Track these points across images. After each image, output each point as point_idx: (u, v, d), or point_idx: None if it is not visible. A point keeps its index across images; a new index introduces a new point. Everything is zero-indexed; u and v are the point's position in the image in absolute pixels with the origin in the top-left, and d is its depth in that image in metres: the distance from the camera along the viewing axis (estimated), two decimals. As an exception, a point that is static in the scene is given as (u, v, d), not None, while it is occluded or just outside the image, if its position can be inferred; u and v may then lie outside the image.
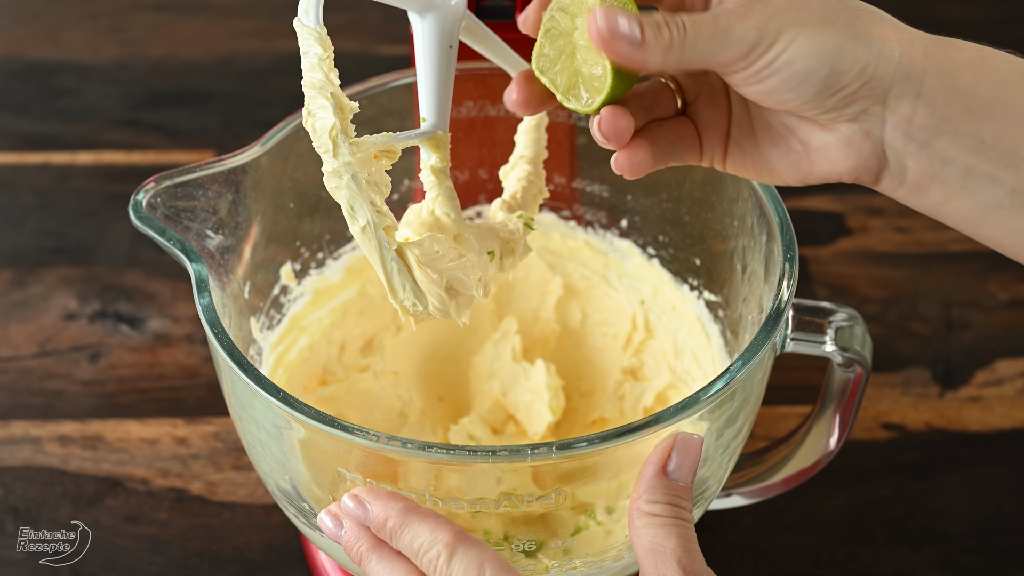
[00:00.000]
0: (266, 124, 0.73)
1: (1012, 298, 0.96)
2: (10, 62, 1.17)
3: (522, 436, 0.79)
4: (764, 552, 0.80)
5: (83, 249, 0.99)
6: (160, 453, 0.85)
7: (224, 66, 1.17)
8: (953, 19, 1.23)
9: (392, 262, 0.56)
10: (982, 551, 0.80)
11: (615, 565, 0.66)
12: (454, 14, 0.60)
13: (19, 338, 0.93)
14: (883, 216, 1.02)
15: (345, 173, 0.54)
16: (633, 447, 0.58)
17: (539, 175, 0.69)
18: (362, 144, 0.55)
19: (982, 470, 0.85)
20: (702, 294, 0.79)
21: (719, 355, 0.76)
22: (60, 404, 0.88)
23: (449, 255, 0.58)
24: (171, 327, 0.94)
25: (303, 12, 0.55)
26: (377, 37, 1.19)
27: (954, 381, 0.90)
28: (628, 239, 0.82)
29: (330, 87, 0.55)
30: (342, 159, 0.54)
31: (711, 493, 0.68)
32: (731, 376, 0.59)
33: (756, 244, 0.70)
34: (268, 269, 0.76)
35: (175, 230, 0.65)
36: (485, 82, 0.77)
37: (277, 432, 0.62)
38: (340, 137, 0.54)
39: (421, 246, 0.57)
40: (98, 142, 1.09)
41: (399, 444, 0.56)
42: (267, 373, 0.75)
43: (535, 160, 0.69)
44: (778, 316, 0.62)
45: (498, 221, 0.65)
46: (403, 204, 0.81)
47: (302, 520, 0.67)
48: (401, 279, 0.56)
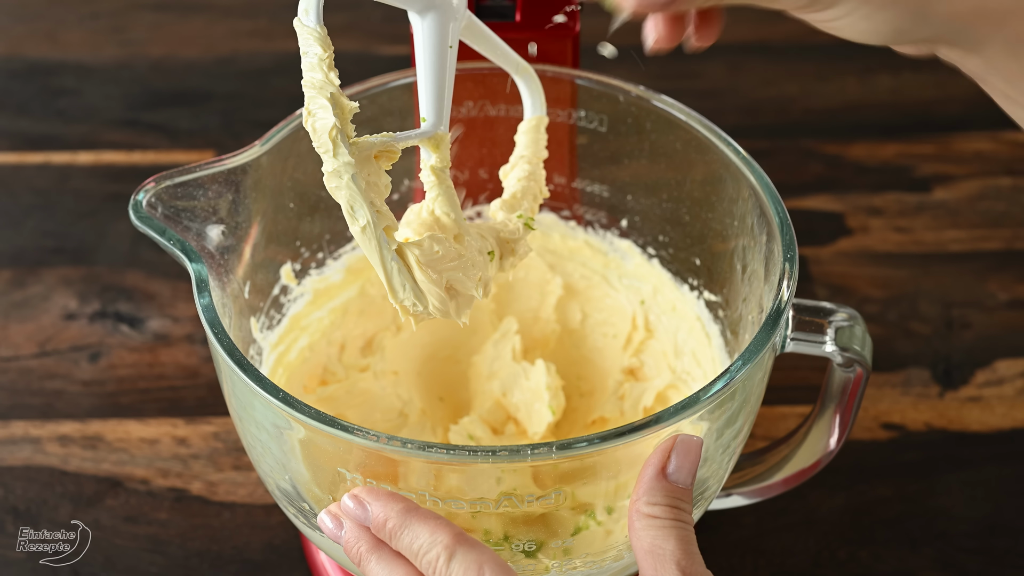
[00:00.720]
0: (266, 124, 0.73)
1: (1012, 298, 0.96)
2: (10, 62, 1.17)
3: (522, 436, 0.79)
4: (764, 552, 0.80)
5: (83, 249, 0.99)
6: (160, 453, 0.85)
7: (224, 66, 1.17)
8: (953, 19, 1.23)
9: (392, 262, 0.56)
10: (982, 551, 0.80)
11: (615, 565, 0.66)
12: (454, 14, 0.60)
13: (19, 338, 0.93)
14: (883, 216, 1.02)
15: (345, 173, 0.54)
16: (633, 447, 0.58)
17: (539, 175, 0.69)
18: (362, 144, 0.55)
19: (982, 470, 0.85)
20: (702, 294, 0.79)
21: (719, 355, 0.76)
22: (60, 404, 0.88)
23: (449, 255, 0.58)
24: (171, 327, 0.94)
25: (303, 12, 0.55)
26: (377, 37, 1.19)
27: (954, 381, 0.90)
28: (628, 239, 0.82)
29: (330, 87, 0.55)
30: (342, 159, 0.54)
31: (711, 493, 0.68)
32: (731, 376, 0.59)
33: (756, 244, 0.70)
34: (268, 269, 0.76)
35: (175, 230, 0.65)
36: (485, 82, 0.77)
37: (277, 432, 0.62)
38: (340, 137, 0.54)
39: (421, 246, 0.57)
40: (98, 142, 1.09)
41: (399, 444, 0.56)
42: (267, 373, 0.75)
43: (535, 160, 0.69)
44: (778, 316, 0.62)
45: (498, 221, 0.65)
46: (403, 204, 0.81)
47: (302, 520, 0.67)
48: (401, 279, 0.56)
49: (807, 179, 1.05)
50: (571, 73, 0.76)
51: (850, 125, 1.11)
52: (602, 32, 0.65)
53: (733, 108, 1.13)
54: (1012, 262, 0.99)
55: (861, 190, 1.04)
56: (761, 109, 1.13)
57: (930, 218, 1.02)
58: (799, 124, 1.11)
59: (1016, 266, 0.99)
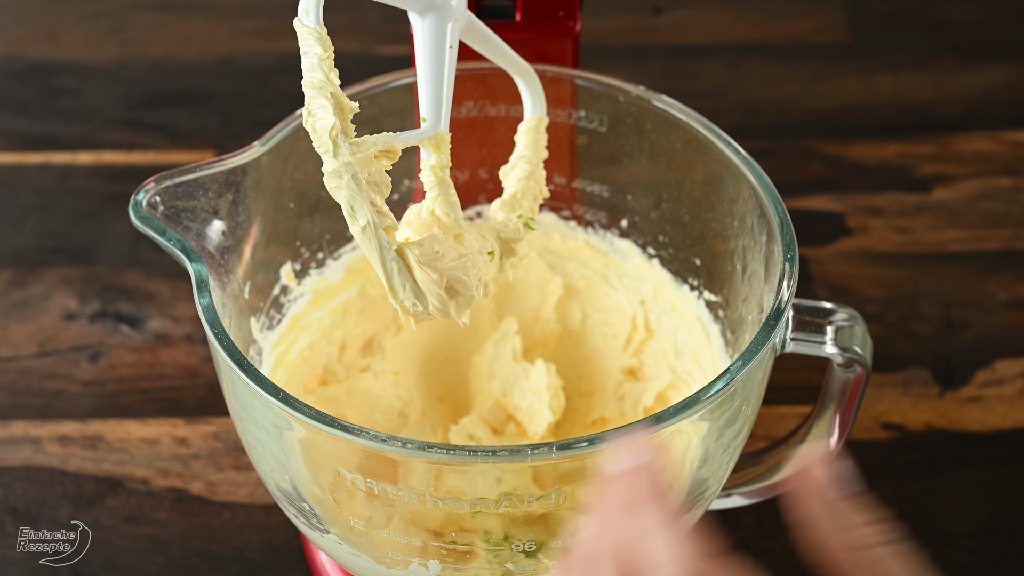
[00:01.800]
0: (266, 124, 0.73)
1: (1012, 298, 0.96)
2: (10, 62, 1.17)
3: (522, 436, 0.79)
4: (764, 552, 0.80)
5: (83, 249, 0.99)
6: (160, 453, 0.85)
7: (224, 66, 1.17)
8: (953, 19, 1.23)
9: (392, 262, 0.56)
10: (982, 551, 0.80)
11: (615, 565, 0.66)
12: (454, 14, 0.60)
13: (19, 338, 0.93)
14: (883, 216, 1.02)
15: (345, 173, 0.54)
16: (633, 447, 0.58)
17: (539, 175, 0.69)
18: (362, 144, 0.55)
19: (982, 470, 0.85)
20: (702, 294, 0.79)
21: (719, 355, 0.76)
22: (60, 404, 0.88)
23: (449, 255, 0.58)
24: (171, 327, 0.94)
25: (303, 12, 0.55)
26: (377, 37, 1.19)
27: (954, 381, 0.90)
28: (628, 239, 0.82)
29: (330, 87, 0.55)
30: (342, 159, 0.54)
31: (711, 493, 0.68)
32: (731, 376, 0.59)
33: (756, 244, 0.70)
34: (268, 269, 0.76)
35: (175, 230, 0.65)
36: (485, 82, 0.77)
37: (277, 432, 0.62)
38: (340, 137, 0.54)
39: (421, 246, 0.57)
40: (98, 142, 1.09)
41: (399, 444, 0.56)
42: (267, 373, 0.75)
43: (535, 160, 0.69)
44: (778, 316, 0.62)
45: (498, 221, 0.66)
46: (403, 204, 0.81)
47: (302, 520, 0.67)
48: (401, 279, 0.56)
49: (807, 179, 1.05)
50: (571, 73, 0.76)
51: (850, 125, 1.11)
52: (602, 32, 0.65)
53: (733, 108, 1.13)
54: (1012, 262, 0.99)
55: (861, 190, 1.04)
56: (761, 109, 1.13)
57: (930, 218, 1.02)
58: (799, 124, 1.11)
59: (1016, 266, 0.99)
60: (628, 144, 0.78)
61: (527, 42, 0.76)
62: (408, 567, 0.64)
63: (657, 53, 1.19)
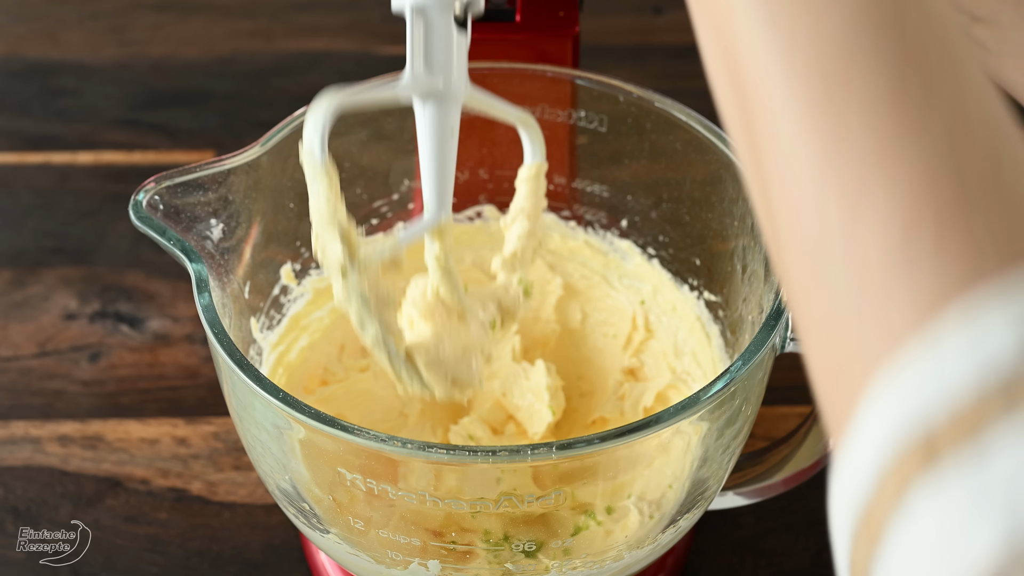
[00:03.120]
0: (266, 124, 0.73)
1: (1012, 298, 0.96)
2: (10, 62, 1.17)
3: (522, 436, 0.79)
4: (764, 552, 0.80)
5: (83, 249, 0.99)
6: (160, 453, 0.85)
7: (224, 66, 1.17)
8: (953, 19, 1.22)
9: (402, 369, 0.59)
10: (982, 551, 0.80)
11: (615, 565, 0.66)
12: (456, 98, 0.61)
13: (19, 338, 0.93)
14: (883, 216, 1.02)
15: (354, 297, 0.57)
16: (633, 447, 0.59)
17: (538, 230, 0.70)
18: (369, 264, 0.57)
19: (982, 470, 0.85)
20: (702, 294, 0.79)
21: (719, 355, 0.76)
22: (60, 404, 0.88)
23: (455, 352, 0.61)
24: (171, 327, 0.94)
25: (308, 151, 0.56)
26: (377, 37, 1.19)
27: (954, 381, 0.90)
28: (628, 239, 0.82)
29: (337, 218, 0.56)
30: (350, 285, 0.57)
31: (711, 493, 0.68)
32: (731, 376, 0.59)
33: (756, 244, 0.70)
34: (268, 269, 0.76)
35: (175, 230, 0.65)
36: (485, 82, 0.77)
37: (277, 432, 0.62)
38: (347, 266, 0.57)
39: (428, 351, 0.60)
40: (98, 142, 1.09)
41: (399, 444, 0.56)
42: (267, 373, 0.75)
43: (535, 214, 0.69)
44: (778, 316, 0.62)
45: (499, 286, 0.66)
46: (403, 204, 0.81)
47: (302, 520, 0.67)
48: (410, 377, 0.60)
49: (807, 179, 1.05)
50: (571, 73, 0.76)
51: (850, 125, 1.11)
52: (602, 32, 0.65)
53: (733, 108, 1.13)
54: (1012, 262, 0.99)
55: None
56: (761, 109, 1.13)
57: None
58: (799, 124, 1.11)
59: (1016, 266, 0.99)
60: (628, 144, 0.78)
61: (527, 42, 0.76)
62: (408, 567, 0.65)
63: (657, 53, 1.18)
